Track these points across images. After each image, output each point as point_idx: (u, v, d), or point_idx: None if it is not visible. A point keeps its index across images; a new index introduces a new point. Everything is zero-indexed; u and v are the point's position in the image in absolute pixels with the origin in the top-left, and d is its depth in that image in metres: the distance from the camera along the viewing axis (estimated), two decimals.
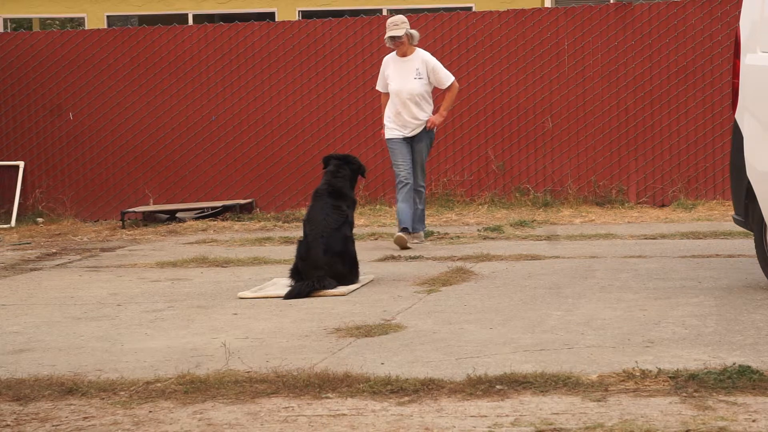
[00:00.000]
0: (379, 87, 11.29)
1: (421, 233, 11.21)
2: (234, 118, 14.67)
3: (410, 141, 11.01)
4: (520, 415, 4.90)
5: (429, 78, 10.99)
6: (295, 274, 8.61)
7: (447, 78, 11.05)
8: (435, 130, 11.17)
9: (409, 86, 10.92)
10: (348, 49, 14.49)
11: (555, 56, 14.04)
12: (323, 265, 8.50)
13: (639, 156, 13.92)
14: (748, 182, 7.82)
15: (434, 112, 11.09)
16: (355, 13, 15.57)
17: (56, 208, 14.83)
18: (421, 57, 11.02)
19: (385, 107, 11.15)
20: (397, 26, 10.87)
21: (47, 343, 6.99)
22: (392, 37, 10.86)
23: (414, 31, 11.02)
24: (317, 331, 7.00)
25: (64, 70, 14.91)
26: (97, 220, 14.71)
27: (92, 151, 14.91)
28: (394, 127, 11.00)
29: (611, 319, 6.96)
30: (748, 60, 7.93)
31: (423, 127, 10.97)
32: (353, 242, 8.88)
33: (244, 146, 14.64)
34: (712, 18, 13.73)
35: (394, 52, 11.09)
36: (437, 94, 11.43)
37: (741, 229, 8.48)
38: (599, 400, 5.09)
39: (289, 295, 8.29)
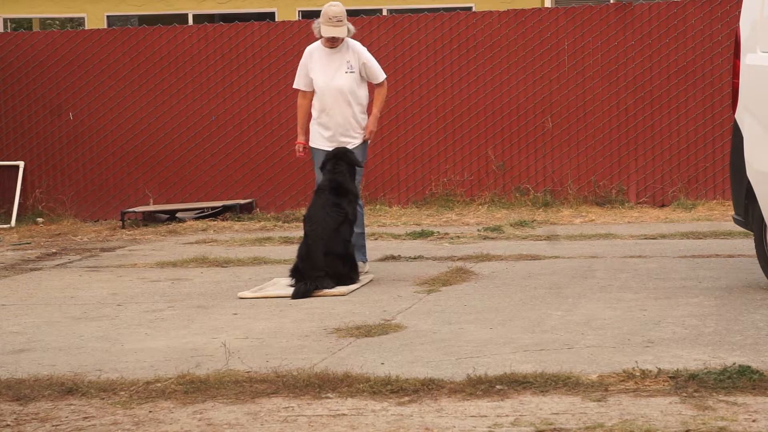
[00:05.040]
0: (298, 84, 9.29)
1: (365, 264, 9.30)
2: (234, 118, 14.67)
3: None
4: (520, 415, 4.91)
5: (361, 72, 9.18)
6: (296, 273, 8.61)
7: (380, 73, 9.26)
8: (370, 139, 9.38)
9: (339, 82, 9.11)
10: None
11: (555, 56, 14.04)
12: (323, 267, 8.51)
13: (639, 156, 13.92)
14: (748, 182, 7.82)
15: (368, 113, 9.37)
16: (355, 13, 15.56)
17: (56, 208, 14.83)
18: (352, 47, 9.17)
19: (303, 110, 9.34)
20: (341, 23, 9.00)
21: (47, 343, 6.99)
22: (334, 38, 9.07)
23: (351, 25, 9.14)
24: (317, 331, 7.01)
25: (64, 70, 14.90)
26: (97, 220, 14.71)
27: (92, 151, 14.91)
28: (320, 134, 9.24)
29: (611, 319, 6.96)
30: (748, 60, 7.93)
31: (358, 140, 9.20)
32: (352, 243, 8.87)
33: (244, 146, 14.64)
34: (712, 18, 13.73)
35: (319, 42, 9.22)
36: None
37: (741, 229, 8.48)
38: (599, 400, 5.09)
39: (296, 295, 8.30)
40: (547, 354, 6.05)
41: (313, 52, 9.24)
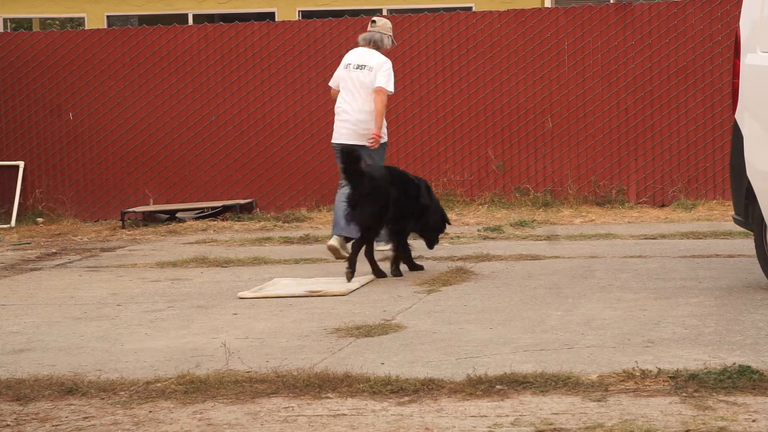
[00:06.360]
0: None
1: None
2: (234, 118, 14.67)
3: None
4: (520, 415, 4.90)
5: None
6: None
7: None
8: None
9: None
10: (348, 49, 14.46)
11: (555, 56, 14.04)
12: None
13: (639, 156, 13.92)
14: (748, 182, 7.82)
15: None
16: (355, 13, 15.56)
17: (56, 208, 14.83)
18: None
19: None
20: None
21: (47, 343, 6.99)
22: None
23: None
24: (317, 331, 7.01)
25: (64, 70, 14.90)
26: (97, 220, 14.71)
27: (92, 151, 14.91)
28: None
29: (611, 319, 6.96)
30: (748, 60, 7.93)
31: None
32: None
33: (244, 146, 14.64)
34: (712, 18, 13.73)
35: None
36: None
37: (741, 229, 8.48)
38: (599, 400, 5.09)
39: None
40: (547, 354, 6.05)
41: None
